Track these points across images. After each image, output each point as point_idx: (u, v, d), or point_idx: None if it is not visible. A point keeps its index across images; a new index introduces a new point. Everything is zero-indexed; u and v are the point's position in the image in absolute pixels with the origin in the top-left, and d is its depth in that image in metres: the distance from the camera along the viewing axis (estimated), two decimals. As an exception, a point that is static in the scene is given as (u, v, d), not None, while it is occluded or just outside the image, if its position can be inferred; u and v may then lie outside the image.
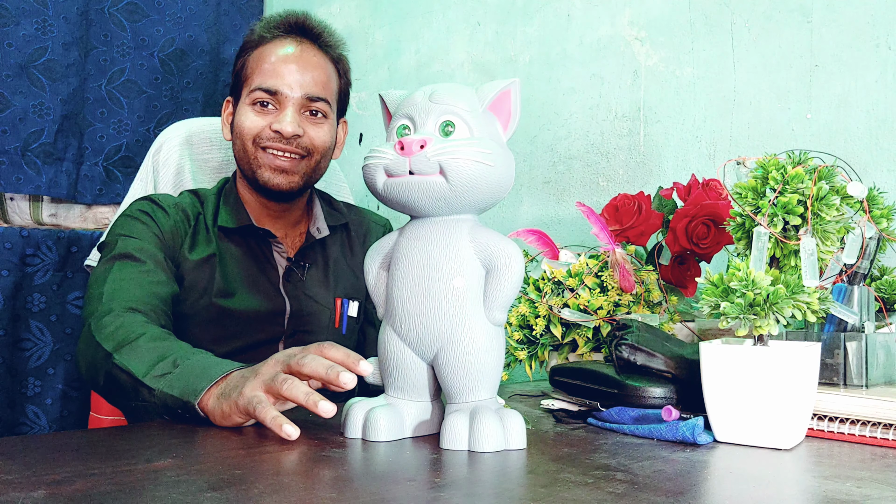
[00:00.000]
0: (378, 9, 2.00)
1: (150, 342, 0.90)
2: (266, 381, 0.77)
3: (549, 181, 1.63)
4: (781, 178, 0.77)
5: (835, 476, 0.65)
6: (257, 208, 1.24)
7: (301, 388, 0.75)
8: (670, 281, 1.17)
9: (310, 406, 0.73)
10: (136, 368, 0.87)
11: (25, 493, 0.54)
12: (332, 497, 0.55)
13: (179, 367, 0.85)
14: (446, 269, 0.73)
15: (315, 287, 1.25)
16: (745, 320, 0.73)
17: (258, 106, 1.18)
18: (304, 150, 1.19)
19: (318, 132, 1.21)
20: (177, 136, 1.47)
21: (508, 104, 0.77)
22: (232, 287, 1.18)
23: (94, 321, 0.97)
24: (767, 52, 1.34)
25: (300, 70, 1.19)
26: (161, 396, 0.83)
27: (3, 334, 1.66)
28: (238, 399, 0.77)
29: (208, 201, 1.23)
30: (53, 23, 1.79)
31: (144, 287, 1.05)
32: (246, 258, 1.21)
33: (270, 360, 0.80)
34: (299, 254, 1.24)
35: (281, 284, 1.22)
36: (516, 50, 1.70)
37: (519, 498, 0.56)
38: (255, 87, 1.18)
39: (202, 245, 1.18)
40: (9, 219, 1.81)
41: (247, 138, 1.18)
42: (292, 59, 1.19)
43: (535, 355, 1.09)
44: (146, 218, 1.14)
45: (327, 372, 0.74)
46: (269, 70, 1.18)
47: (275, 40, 1.22)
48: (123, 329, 0.93)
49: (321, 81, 1.21)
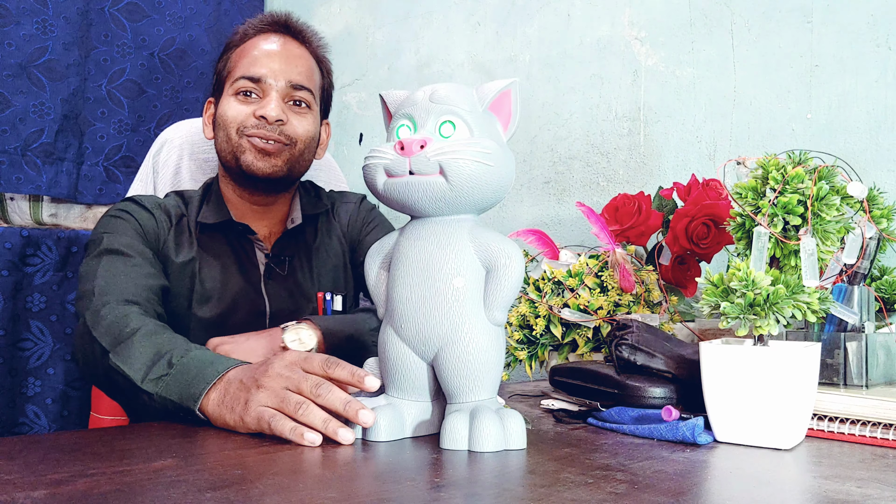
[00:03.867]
0: (378, 9, 2.00)
1: (145, 338, 0.90)
2: (276, 401, 0.75)
3: (549, 181, 1.63)
4: (781, 178, 0.77)
5: (835, 476, 0.65)
6: (240, 205, 1.23)
7: (319, 416, 0.73)
8: (670, 281, 1.17)
9: (329, 433, 0.72)
10: (132, 372, 0.87)
11: (25, 493, 0.54)
12: (332, 497, 0.55)
13: (175, 367, 0.84)
14: (446, 269, 0.73)
15: (299, 279, 1.23)
16: (745, 320, 0.73)
17: (241, 95, 1.17)
18: (287, 137, 1.17)
19: (302, 122, 1.19)
20: (177, 136, 1.47)
21: (508, 104, 0.77)
22: (210, 292, 1.16)
23: (89, 315, 0.97)
24: (767, 52, 1.34)
25: (283, 60, 1.19)
26: (161, 401, 0.83)
27: (3, 334, 1.66)
28: (244, 416, 0.76)
29: (192, 202, 1.21)
30: (54, 23, 1.79)
31: (135, 280, 1.04)
32: (226, 258, 1.19)
33: (272, 371, 0.77)
34: (276, 247, 1.22)
35: (262, 283, 1.20)
36: (516, 50, 1.70)
37: (519, 498, 0.56)
38: (237, 76, 1.18)
39: (185, 248, 1.16)
40: (9, 219, 1.81)
41: (230, 127, 1.17)
42: (275, 51, 1.20)
43: (535, 355, 1.09)
44: (128, 216, 1.13)
45: (345, 409, 0.74)
46: (252, 60, 1.18)
47: (258, 35, 1.22)
48: (119, 323, 0.93)
49: (304, 72, 1.21)
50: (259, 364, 0.81)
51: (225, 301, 1.17)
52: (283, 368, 0.78)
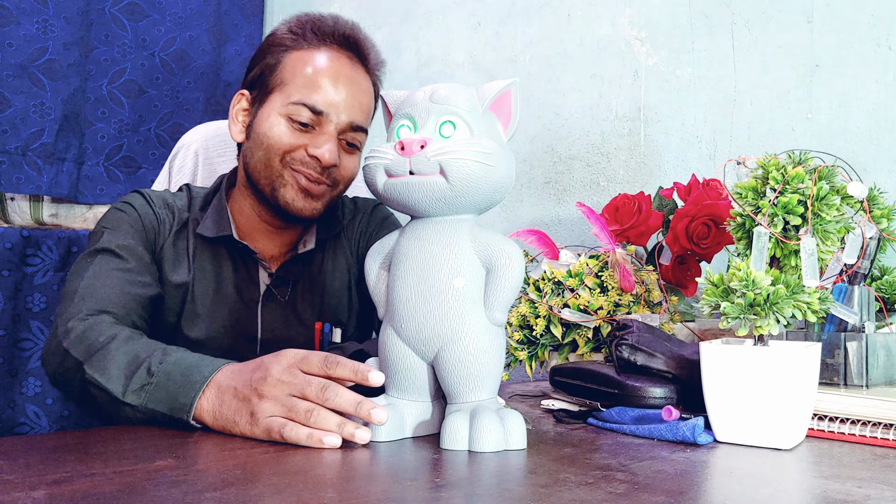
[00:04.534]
0: (378, 9, 2.00)
1: (120, 345, 0.86)
2: (283, 410, 0.73)
3: (549, 181, 1.63)
4: (781, 178, 0.77)
5: (835, 476, 0.65)
6: (252, 222, 1.13)
7: (332, 420, 0.72)
8: (670, 281, 1.17)
9: (345, 436, 0.71)
10: (111, 385, 0.82)
11: (25, 493, 0.54)
12: (332, 497, 0.55)
13: (156, 375, 0.81)
14: (446, 269, 0.73)
15: (298, 308, 1.13)
16: (745, 320, 0.73)
17: (296, 123, 1.05)
18: (332, 180, 1.07)
19: (351, 163, 1.10)
20: (193, 141, 1.47)
21: (509, 104, 0.77)
22: (199, 309, 1.08)
23: (61, 323, 0.92)
24: (767, 52, 1.34)
25: (350, 93, 1.06)
26: (146, 412, 0.80)
27: (3, 334, 1.66)
28: (253, 428, 0.74)
29: (196, 202, 1.14)
30: (54, 22, 1.79)
31: (120, 286, 0.98)
32: (224, 272, 1.10)
33: (270, 378, 0.75)
34: (281, 269, 1.12)
35: (259, 306, 1.11)
36: (516, 50, 1.70)
37: (519, 498, 0.56)
38: (296, 99, 1.04)
39: (181, 265, 1.09)
40: (9, 219, 1.81)
41: (274, 152, 1.05)
42: (343, 79, 1.06)
43: (535, 355, 1.09)
44: (132, 212, 1.07)
45: (357, 410, 0.72)
46: (315, 84, 1.05)
47: (322, 48, 1.08)
48: (91, 332, 0.89)
49: (366, 109, 1.10)
50: (252, 368, 0.77)
51: (216, 322, 1.09)
52: (283, 374, 0.75)
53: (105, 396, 0.83)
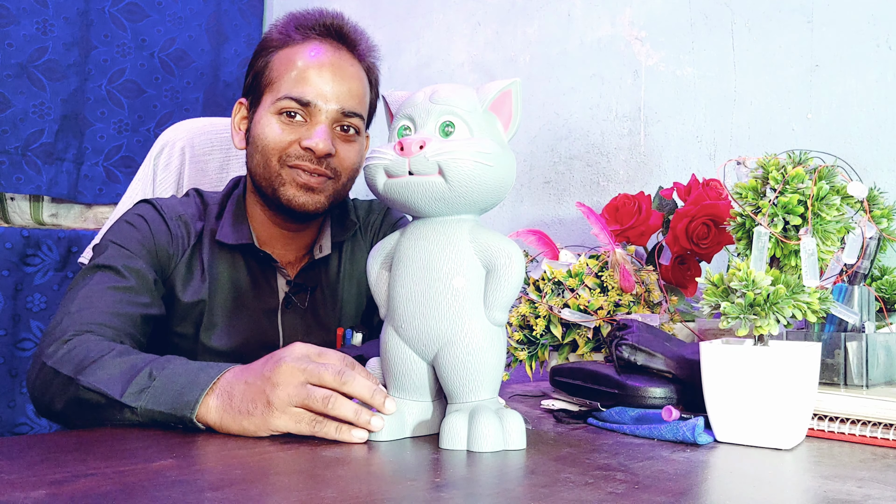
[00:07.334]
0: (378, 9, 2.00)
1: (115, 357, 0.83)
2: (300, 397, 0.73)
3: (549, 181, 1.63)
4: (781, 178, 0.77)
5: (835, 476, 0.65)
6: (267, 228, 1.13)
7: (349, 407, 0.73)
8: (670, 281, 1.17)
9: (361, 424, 0.73)
10: (109, 387, 0.80)
11: (26, 493, 0.54)
12: (332, 497, 0.55)
13: (158, 378, 0.79)
14: (446, 269, 0.73)
15: (319, 313, 1.14)
16: (745, 320, 0.73)
17: (285, 116, 1.05)
18: (332, 170, 1.07)
19: (349, 151, 1.08)
20: (178, 139, 1.45)
21: (509, 104, 0.77)
22: (219, 321, 1.07)
23: (45, 344, 0.89)
24: (767, 52, 1.34)
25: (336, 80, 1.06)
26: (145, 414, 0.78)
27: (3, 334, 1.66)
28: (270, 417, 0.73)
29: (210, 208, 1.12)
30: (54, 23, 1.79)
31: (115, 306, 0.95)
32: (242, 280, 1.10)
33: (284, 366, 0.74)
34: (299, 275, 1.13)
35: (280, 313, 1.11)
36: (516, 50, 1.70)
37: (519, 498, 0.56)
38: (283, 94, 1.05)
39: (195, 283, 1.07)
40: (9, 219, 1.81)
41: (271, 153, 1.05)
42: (328, 67, 1.06)
43: (536, 355, 1.09)
44: (144, 227, 1.05)
45: (373, 397, 0.74)
46: (300, 77, 1.05)
47: (306, 42, 1.08)
48: (78, 351, 0.85)
49: (357, 94, 1.08)
50: (262, 363, 0.77)
51: (237, 333, 1.08)
52: (297, 361, 0.75)
53: (101, 400, 0.80)
